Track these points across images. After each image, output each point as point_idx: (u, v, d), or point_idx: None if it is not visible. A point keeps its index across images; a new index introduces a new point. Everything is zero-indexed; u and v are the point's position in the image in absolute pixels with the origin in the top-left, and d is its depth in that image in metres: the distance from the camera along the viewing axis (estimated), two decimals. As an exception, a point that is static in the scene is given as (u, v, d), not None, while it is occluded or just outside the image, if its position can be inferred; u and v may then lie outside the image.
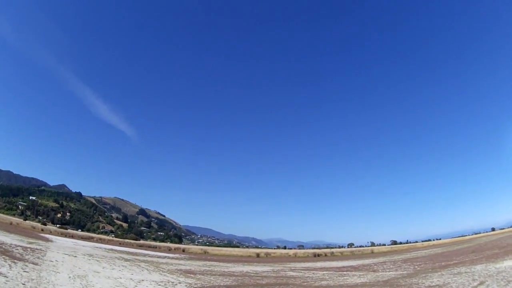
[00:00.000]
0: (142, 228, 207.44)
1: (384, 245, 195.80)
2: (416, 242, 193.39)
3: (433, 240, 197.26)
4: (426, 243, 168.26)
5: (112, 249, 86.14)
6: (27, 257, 36.49)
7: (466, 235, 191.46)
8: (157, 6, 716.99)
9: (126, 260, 65.50)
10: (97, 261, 53.38)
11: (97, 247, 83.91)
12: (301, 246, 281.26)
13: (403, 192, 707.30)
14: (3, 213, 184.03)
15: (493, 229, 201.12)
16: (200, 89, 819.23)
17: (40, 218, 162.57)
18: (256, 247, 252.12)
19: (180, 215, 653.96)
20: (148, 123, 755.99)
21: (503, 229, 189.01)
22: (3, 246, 42.46)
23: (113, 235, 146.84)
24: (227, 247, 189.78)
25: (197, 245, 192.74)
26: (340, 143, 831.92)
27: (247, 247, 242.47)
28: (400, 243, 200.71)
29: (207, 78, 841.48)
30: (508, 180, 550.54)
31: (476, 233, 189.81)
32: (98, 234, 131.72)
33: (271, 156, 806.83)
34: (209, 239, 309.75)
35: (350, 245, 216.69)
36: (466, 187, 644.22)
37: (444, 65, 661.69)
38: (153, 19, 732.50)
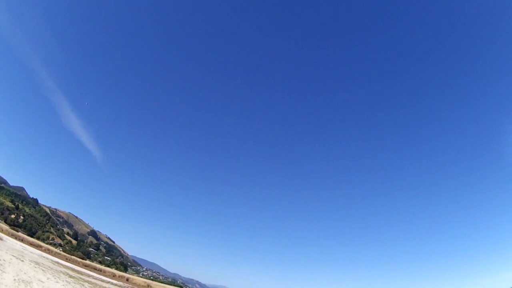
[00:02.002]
0: (90, 249, 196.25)
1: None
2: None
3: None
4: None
5: (58, 262, 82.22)
6: (-23, 249, 35.40)
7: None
8: (149, 34, 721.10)
9: (71, 276, 63.14)
10: (43, 270, 51.67)
11: (44, 257, 79.93)
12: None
13: (354, 257, 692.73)
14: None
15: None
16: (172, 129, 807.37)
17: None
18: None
19: (129, 244, 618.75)
20: (115, 149, 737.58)
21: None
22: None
23: (61, 249, 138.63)
24: (171, 285, 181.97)
25: (141, 277, 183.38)
26: (297, 191, 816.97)
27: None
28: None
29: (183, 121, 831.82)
30: (462, 261, 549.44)
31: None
32: (47, 244, 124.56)
33: (227, 205, 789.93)
34: (154, 273, 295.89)
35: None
36: (419, 263, 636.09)
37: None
38: (143, 46, 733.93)
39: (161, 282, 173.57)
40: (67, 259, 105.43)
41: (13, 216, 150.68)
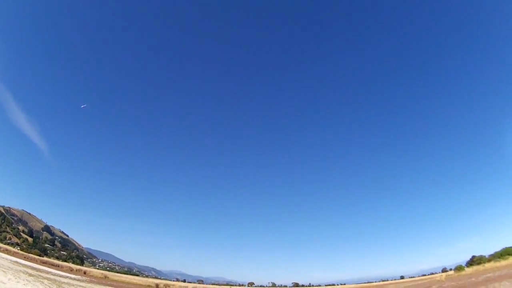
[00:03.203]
0: (46, 245, 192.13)
1: (286, 286, 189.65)
2: (320, 286, 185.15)
3: (338, 284, 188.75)
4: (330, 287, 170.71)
5: (17, 262, 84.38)
6: None
7: (372, 282, 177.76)
8: (96, 24, 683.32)
9: (31, 275, 65.93)
10: (3, 271, 53.29)
11: (2, 257, 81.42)
12: (201, 281, 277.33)
13: (308, 233, 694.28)
14: None
15: (402, 277, 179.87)
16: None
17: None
18: (156, 277, 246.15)
19: (83, 237, 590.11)
20: (62, 141, 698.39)
21: (413, 277, 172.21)
22: None
23: (18, 248, 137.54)
24: (128, 274, 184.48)
25: (98, 269, 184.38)
26: (249, 176, 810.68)
27: (147, 276, 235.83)
28: (303, 285, 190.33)
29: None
30: (420, 231, 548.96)
31: (384, 280, 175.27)
32: (5, 244, 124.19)
33: (176, 189, 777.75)
34: (110, 264, 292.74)
35: (250, 284, 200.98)
36: (376, 234, 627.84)
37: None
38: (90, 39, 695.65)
39: (118, 272, 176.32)
40: (25, 258, 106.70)
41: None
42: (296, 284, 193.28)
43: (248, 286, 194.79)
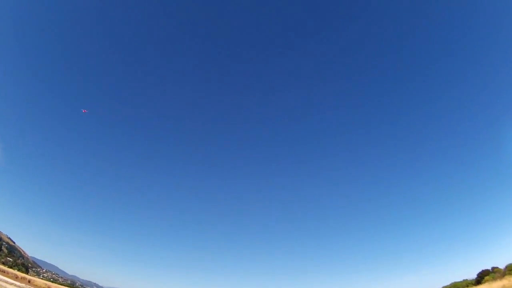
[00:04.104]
0: None
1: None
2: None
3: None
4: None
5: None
6: None
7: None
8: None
9: None
10: None
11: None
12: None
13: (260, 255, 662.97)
14: None
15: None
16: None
17: None
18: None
19: (29, 245, 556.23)
20: (16, 145, 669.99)
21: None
22: None
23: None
24: (70, 287, 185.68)
25: (42, 279, 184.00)
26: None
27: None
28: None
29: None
30: (363, 263, 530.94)
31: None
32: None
33: (127, 205, 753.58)
34: (54, 275, 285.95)
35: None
36: (323, 259, 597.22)
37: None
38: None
39: (61, 284, 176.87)
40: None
41: None
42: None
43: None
